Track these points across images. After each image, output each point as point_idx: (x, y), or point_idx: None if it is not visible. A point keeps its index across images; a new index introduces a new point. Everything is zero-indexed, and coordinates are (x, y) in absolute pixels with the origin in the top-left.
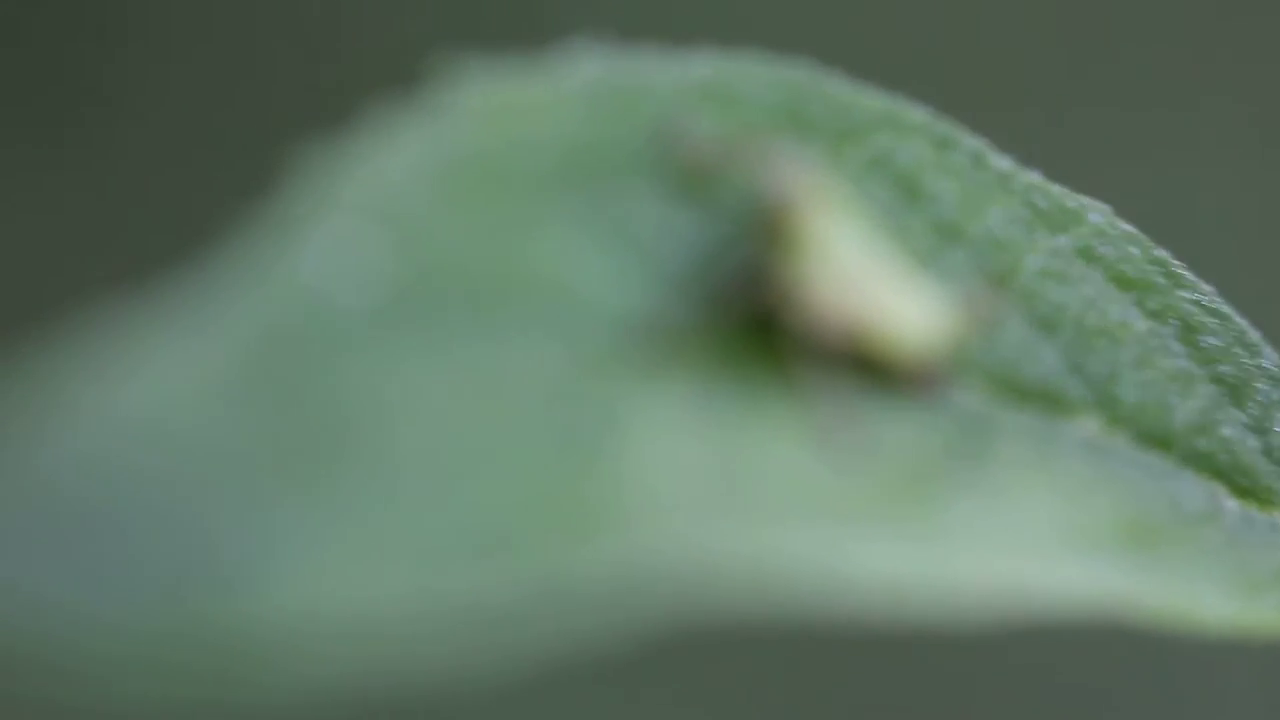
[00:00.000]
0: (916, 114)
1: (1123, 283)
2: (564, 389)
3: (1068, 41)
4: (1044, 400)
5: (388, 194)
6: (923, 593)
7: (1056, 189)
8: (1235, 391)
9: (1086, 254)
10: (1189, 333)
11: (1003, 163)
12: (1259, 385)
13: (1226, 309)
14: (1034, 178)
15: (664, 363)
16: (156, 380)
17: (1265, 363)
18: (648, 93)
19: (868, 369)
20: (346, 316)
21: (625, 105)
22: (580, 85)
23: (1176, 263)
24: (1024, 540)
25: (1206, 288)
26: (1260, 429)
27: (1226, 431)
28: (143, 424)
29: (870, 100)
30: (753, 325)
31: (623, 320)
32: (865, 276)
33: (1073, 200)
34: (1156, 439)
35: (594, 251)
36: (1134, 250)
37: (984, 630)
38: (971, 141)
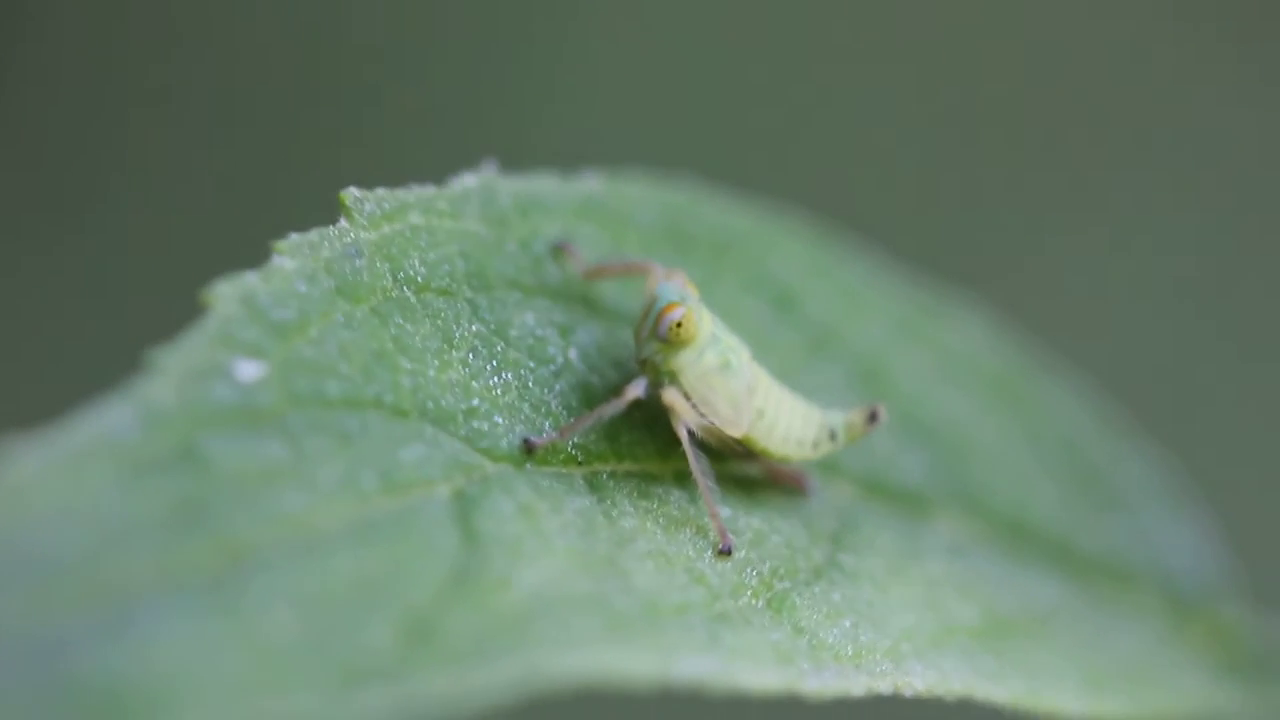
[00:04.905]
0: (792, 225)
1: (986, 385)
2: (440, 510)
3: (946, 141)
4: (908, 501)
5: (283, 315)
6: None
7: (927, 296)
8: (1087, 485)
9: (951, 359)
10: (1040, 431)
11: (876, 270)
12: (1115, 476)
13: (1084, 404)
14: (906, 285)
15: (545, 476)
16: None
17: (1122, 452)
18: (539, 211)
19: (751, 465)
20: (231, 407)
21: (518, 223)
22: (476, 205)
23: (1038, 362)
24: (889, 638)
25: (1065, 384)
26: (1106, 516)
27: (1075, 525)
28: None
29: (745, 216)
30: (639, 423)
31: (503, 429)
32: (746, 379)
33: (942, 306)
34: (1010, 534)
35: (478, 363)
36: (997, 354)
37: None
38: (845, 249)
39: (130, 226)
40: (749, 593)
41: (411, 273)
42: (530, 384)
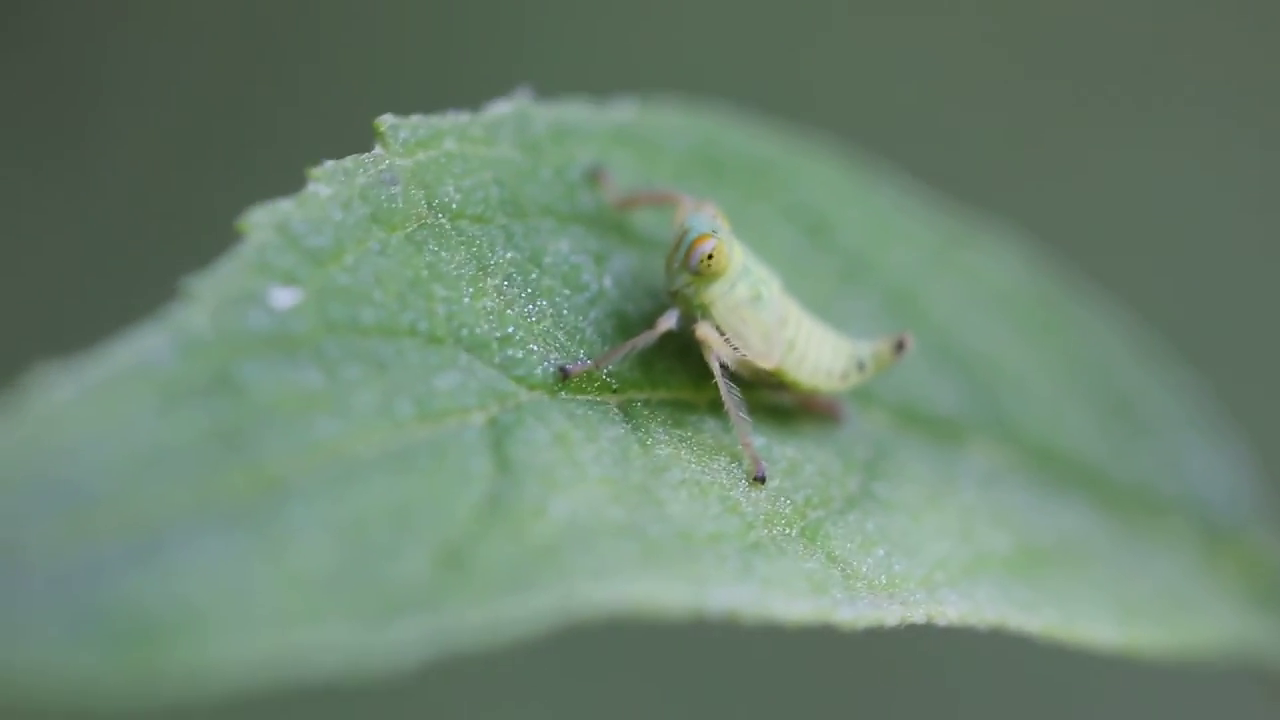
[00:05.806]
0: (824, 151)
1: (1018, 312)
2: (474, 438)
3: (971, 68)
4: (941, 429)
5: (320, 242)
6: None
7: (959, 222)
8: (1120, 413)
9: (983, 287)
10: (1073, 359)
11: (907, 197)
12: (1148, 404)
13: (1118, 331)
14: (938, 212)
15: (580, 404)
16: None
17: (1156, 379)
18: (574, 139)
19: (784, 395)
20: (266, 334)
21: (552, 150)
22: (511, 132)
23: (1072, 288)
24: (922, 568)
25: (1099, 310)
26: (1139, 444)
27: (1108, 453)
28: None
29: (777, 142)
30: (673, 352)
31: (538, 357)
32: (777, 311)
33: (974, 233)
34: (1043, 462)
35: (512, 291)
36: (1030, 280)
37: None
38: (877, 176)
39: (134, 139)
40: (783, 522)
41: (446, 200)
42: (565, 311)
